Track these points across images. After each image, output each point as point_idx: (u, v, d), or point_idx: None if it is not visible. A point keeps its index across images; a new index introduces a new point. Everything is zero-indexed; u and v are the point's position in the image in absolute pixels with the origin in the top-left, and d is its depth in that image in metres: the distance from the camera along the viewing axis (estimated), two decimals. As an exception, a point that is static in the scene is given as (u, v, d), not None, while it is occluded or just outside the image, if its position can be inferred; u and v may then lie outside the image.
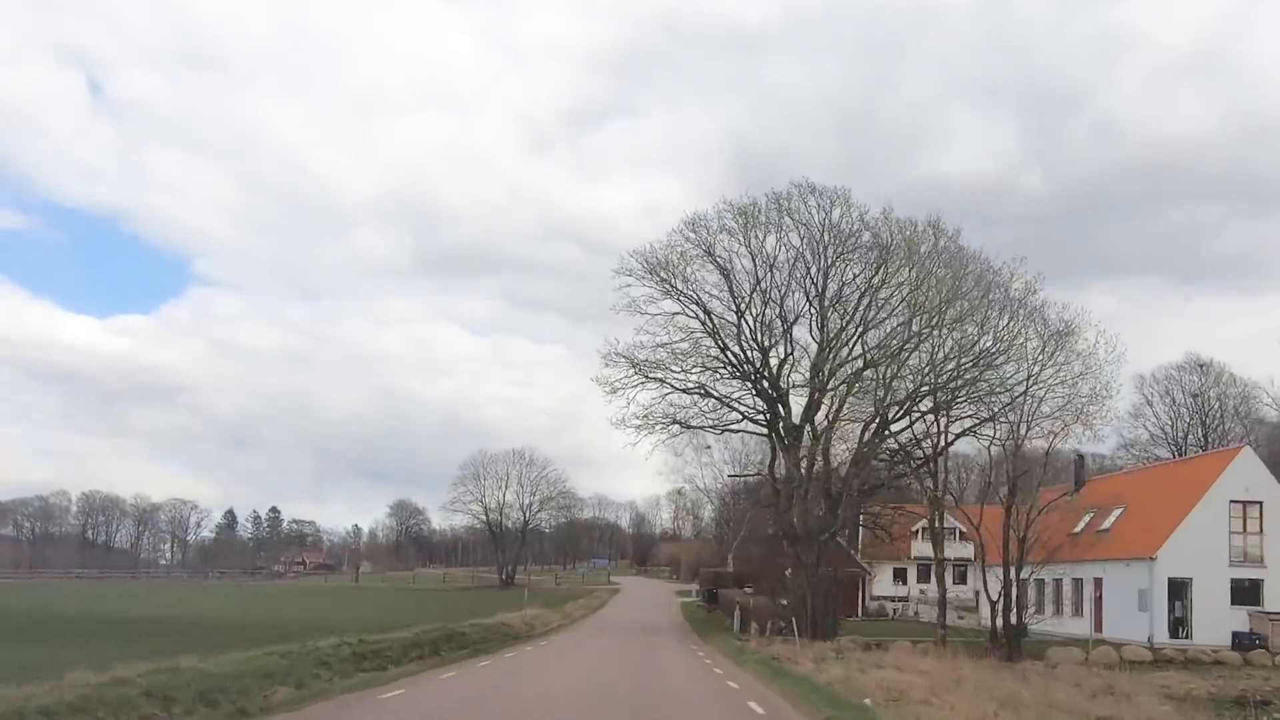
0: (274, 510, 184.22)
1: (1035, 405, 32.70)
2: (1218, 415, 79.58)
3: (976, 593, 71.55)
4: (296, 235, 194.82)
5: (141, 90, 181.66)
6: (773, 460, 45.81)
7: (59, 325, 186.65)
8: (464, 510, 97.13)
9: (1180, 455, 72.15)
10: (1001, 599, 33.47)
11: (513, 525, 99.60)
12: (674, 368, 43.86)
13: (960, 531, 74.02)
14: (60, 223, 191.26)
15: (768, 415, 44.54)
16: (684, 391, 44.61)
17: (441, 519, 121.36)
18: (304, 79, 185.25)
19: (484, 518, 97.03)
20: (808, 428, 42.30)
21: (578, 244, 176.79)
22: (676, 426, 45.79)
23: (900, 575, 73.28)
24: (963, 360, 35.35)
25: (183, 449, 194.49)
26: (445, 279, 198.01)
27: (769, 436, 45.52)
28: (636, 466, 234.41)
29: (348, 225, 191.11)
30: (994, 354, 33.95)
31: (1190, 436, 79.01)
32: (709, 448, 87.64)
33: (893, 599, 67.10)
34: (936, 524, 35.71)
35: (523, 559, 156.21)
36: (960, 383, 34.46)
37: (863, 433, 40.74)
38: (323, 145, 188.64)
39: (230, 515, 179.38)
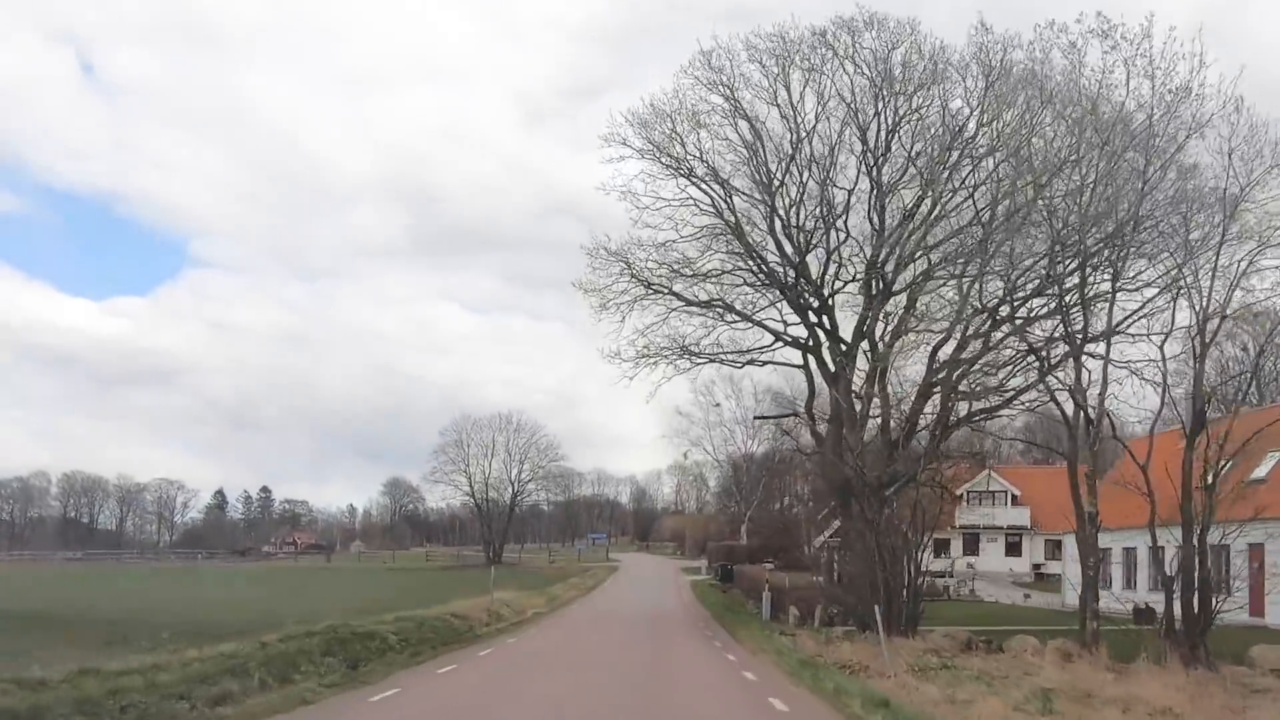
0: (265, 490, 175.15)
1: (1246, 263, 20.86)
2: (1272, 369, 69.44)
3: (1036, 567, 60.29)
4: (293, 215, 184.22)
5: (133, 70, 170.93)
6: (811, 398, 34.23)
7: (56, 308, 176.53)
8: (446, 481, 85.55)
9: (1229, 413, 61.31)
10: (1179, 576, 21.75)
11: (501, 498, 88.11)
12: (684, 271, 32.27)
13: (1014, 495, 62.60)
14: (55, 205, 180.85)
15: (807, 337, 33.01)
16: (696, 305, 33.01)
17: (430, 492, 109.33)
18: (298, 56, 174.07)
19: (469, 489, 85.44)
20: (863, 348, 30.69)
21: (576, 220, 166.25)
22: (686, 361, 34.28)
23: (942, 547, 61.45)
24: (1098, 233, 23.48)
25: (181, 431, 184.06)
26: (443, 257, 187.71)
27: (804, 368, 33.95)
28: (638, 444, 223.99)
29: (344, 204, 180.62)
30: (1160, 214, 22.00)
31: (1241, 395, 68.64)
32: (718, 405, 76.31)
33: (939, 575, 55.35)
34: (1088, 466, 23.80)
35: (519, 536, 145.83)
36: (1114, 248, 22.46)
37: (935, 351, 29.12)
38: (318, 123, 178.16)
39: (220, 495, 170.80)
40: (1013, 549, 58.07)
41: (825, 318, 31.27)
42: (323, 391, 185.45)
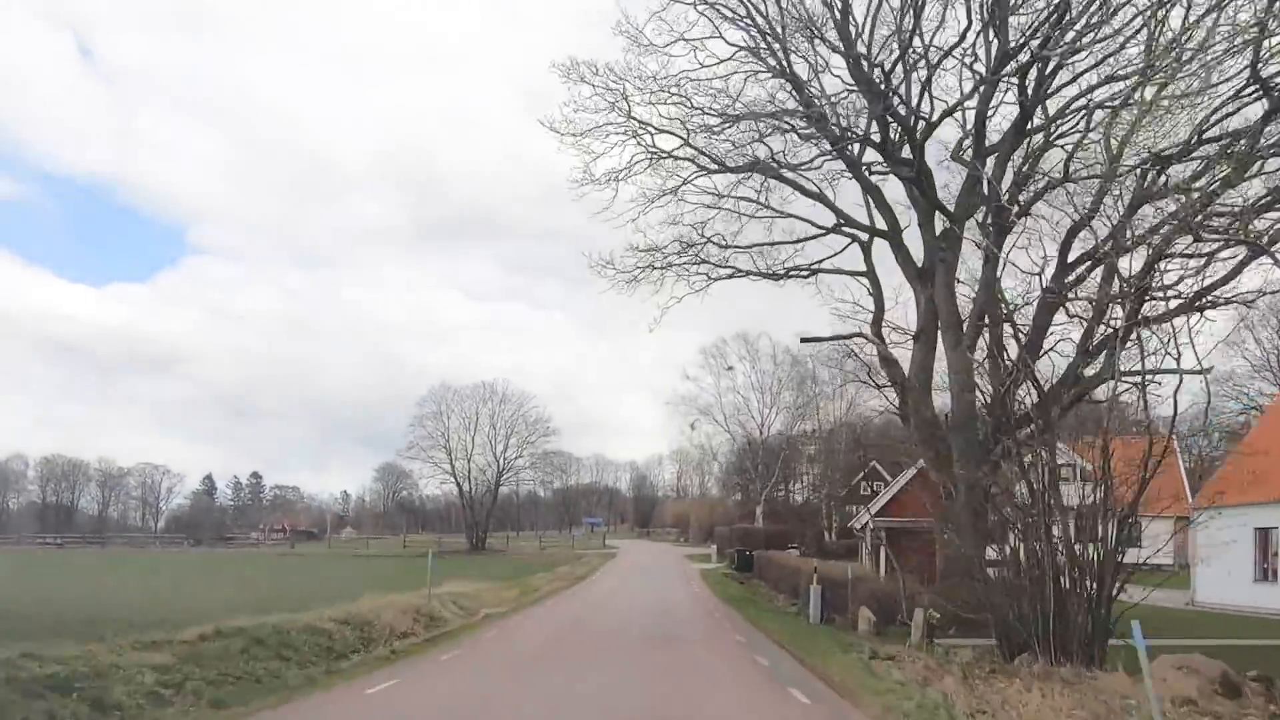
0: (255, 475, 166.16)
1: None
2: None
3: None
4: (293, 202, 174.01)
5: (132, 54, 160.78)
6: (879, 312, 23.35)
7: (56, 294, 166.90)
8: (425, 458, 74.58)
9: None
10: None
11: (485, 477, 77.26)
12: (710, 110, 21.47)
13: (1081, 470, 51.72)
14: (54, 190, 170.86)
15: (869, 228, 22.34)
16: (729, 169, 22.27)
17: (409, 468, 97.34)
18: (298, 40, 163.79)
19: (449, 467, 74.53)
20: (977, 220, 19.88)
21: (578, 208, 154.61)
22: (701, 276, 23.85)
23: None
24: None
25: (180, 418, 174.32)
26: (444, 244, 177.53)
27: (867, 274, 23.21)
28: (639, 432, 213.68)
29: (345, 191, 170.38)
30: None
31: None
32: (730, 369, 65.36)
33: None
34: None
35: (515, 524, 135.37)
36: None
37: (1071, 235, 18.39)
38: (318, 109, 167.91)
39: (209, 481, 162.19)
40: (1082, 535, 47.08)
41: (921, 179, 20.34)
42: (323, 379, 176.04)
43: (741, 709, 11.34)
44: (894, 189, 22.70)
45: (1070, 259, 19.16)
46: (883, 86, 19.73)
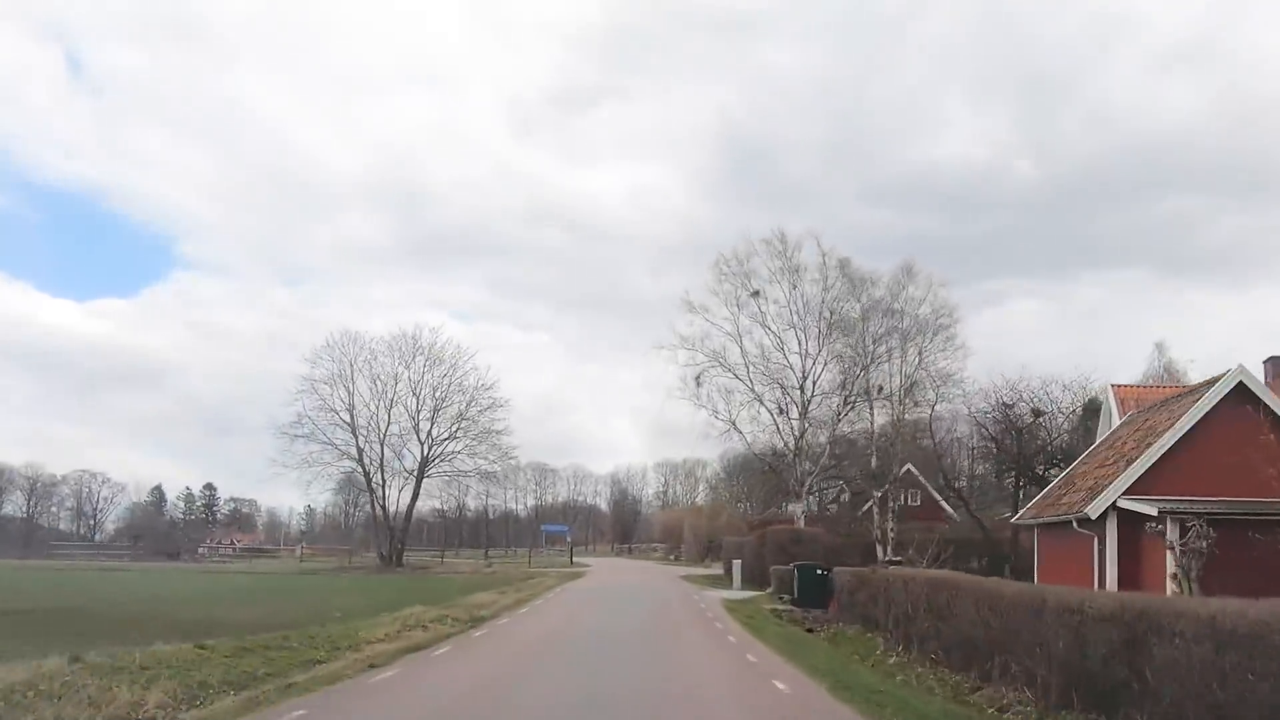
0: (209, 488, 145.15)
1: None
2: None
3: None
4: (281, 219, 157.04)
5: (122, 67, 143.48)
6: None
7: (38, 308, 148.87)
8: (319, 438, 51.62)
9: None
10: None
11: (404, 465, 54.32)
12: None
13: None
14: (39, 204, 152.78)
15: None
16: None
17: (296, 454, 70.65)
18: (289, 56, 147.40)
19: (353, 449, 51.59)
20: None
21: (565, 230, 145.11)
22: None
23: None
24: None
25: (162, 433, 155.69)
26: (430, 264, 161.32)
27: None
28: (623, 454, 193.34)
29: (333, 208, 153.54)
30: None
31: None
32: (756, 294, 42.29)
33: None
34: None
35: (493, 543, 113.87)
36: None
37: None
38: (307, 125, 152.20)
39: (158, 492, 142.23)
40: None
41: None
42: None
43: None
44: None
45: None
46: None
